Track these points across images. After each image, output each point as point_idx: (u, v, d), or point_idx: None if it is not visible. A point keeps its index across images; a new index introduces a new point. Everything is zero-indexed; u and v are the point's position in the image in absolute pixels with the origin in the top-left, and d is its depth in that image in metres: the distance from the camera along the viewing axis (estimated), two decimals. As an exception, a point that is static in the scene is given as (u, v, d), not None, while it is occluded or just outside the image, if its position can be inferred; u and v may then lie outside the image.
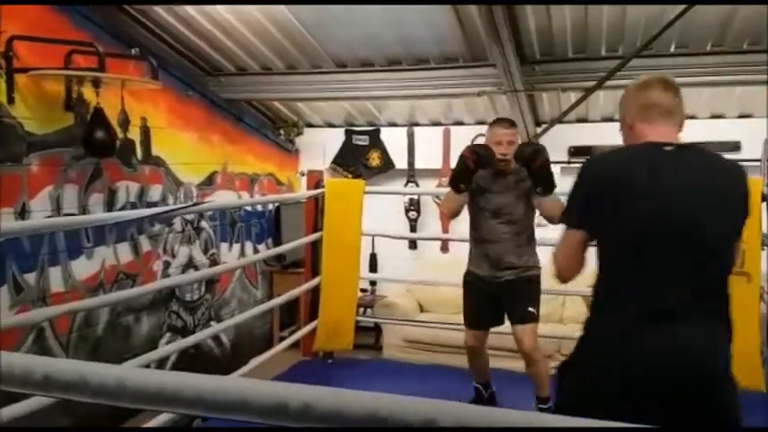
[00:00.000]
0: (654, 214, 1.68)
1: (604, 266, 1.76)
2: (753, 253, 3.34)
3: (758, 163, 4.64)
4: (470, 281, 3.38)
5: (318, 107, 5.53)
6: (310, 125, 5.84)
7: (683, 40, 3.89)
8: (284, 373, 4.20)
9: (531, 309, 3.19)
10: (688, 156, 1.74)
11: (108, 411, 3.66)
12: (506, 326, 3.39)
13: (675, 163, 1.72)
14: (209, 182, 4.75)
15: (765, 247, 3.40)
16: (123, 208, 3.86)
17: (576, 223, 1.81)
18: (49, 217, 3.30)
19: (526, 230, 3.29)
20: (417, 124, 5.58)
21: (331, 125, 5.82)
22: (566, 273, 1.87)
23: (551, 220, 3.02)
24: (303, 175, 5.52)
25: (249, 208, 5.35)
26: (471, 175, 3.11)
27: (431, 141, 5.48)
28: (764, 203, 3.37)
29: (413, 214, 5.67)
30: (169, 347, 3.71)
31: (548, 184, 3.01)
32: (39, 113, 3.30)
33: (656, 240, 1.68)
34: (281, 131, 5.70)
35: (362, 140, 5.69)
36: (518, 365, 4.25)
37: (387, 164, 5.65)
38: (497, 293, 3.28)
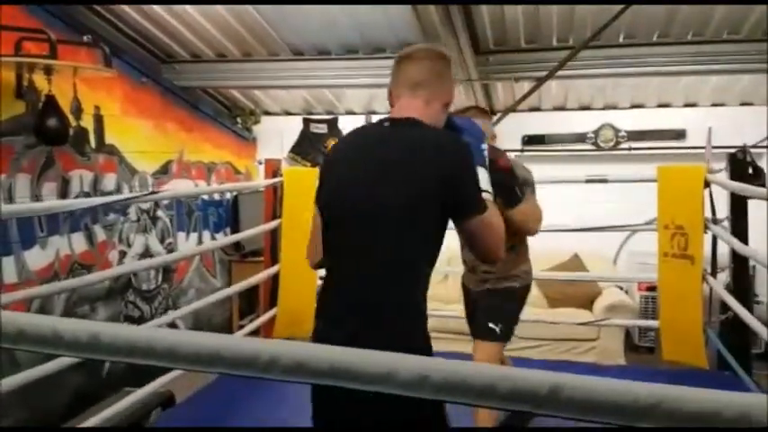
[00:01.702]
0: (334, 191, 1.70)
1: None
2: (695, 237, 3.49)
3: (703, 150, 4.82)
4: (462, 286, 3.06)
5: (276, 95, 5.52)
6: (268, 113, 5.83)
7: (630, 32, 4.02)
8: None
9: (491, 325, 2.77)
10: (398, 131, 1.67)
11: (64, 404, 3.64)
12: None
13: (381, 139, 1.68)
14: (164, 170, 4.72)
15: (708, 231, 3.55)
16: (77, 197, 3.81)
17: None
18: None
19: (510, 238, 2.86)
20: (375, 113, 5.61)
21: (289, 113, 5.81)
22: (306, 257, 1.85)
23: (527, 232, 2.74)
24: (261, 163, 5.51)
25: (206, 197, 5.32)
26: None
27: (388, 129, 5.51)
28: (707, 189, 3.52)
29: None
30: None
31: (506, 195, 2.55)
32: (-12, 101, 3.24)
33: (335, 216, 1.68)
34: (239, 119, 5.67)
35: (320, 129, 5.70)
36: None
37: (345, 152, 5.67)
38: (477, 303, 2.91)
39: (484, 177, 1.70)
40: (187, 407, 3.44)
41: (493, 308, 2.79)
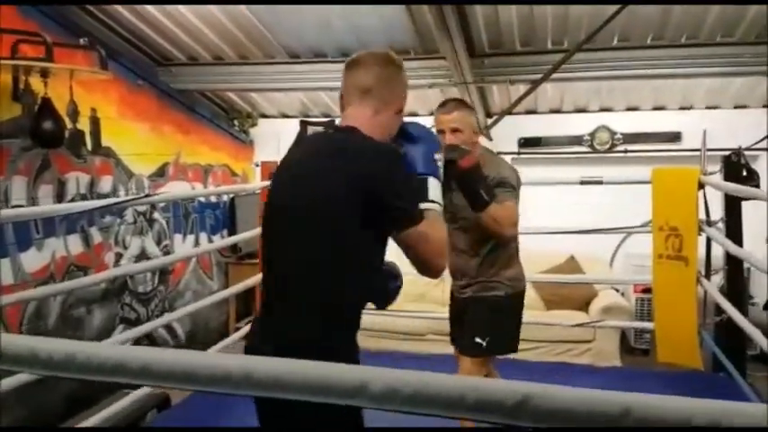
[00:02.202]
0: (267, 203, 1.71)
1: None
2: (690, 238, 3.50)
3: (698, 153, 4.84)
4: (450, 294, 2.88)
5: (272, 97, 5.54)
6: (264, 116, 5.84)
7: (624, 34, 4.03)
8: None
9: (478, 340, 2.58)
10: (332, 141, 1.66)
11: (61, 405, 3.64)
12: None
13: (316, 150, 1.66)
14: (161, 173, 4.73)
15: (702, 233, 3.56)
16: (73, 200, 3.82)
17: None
18: (-4, 209, 3.25)
19: (488, 241, 2.60)
20: (372, 115, 5.63)
21: (285, 116, 5.82)
22: None
23: (497, 237, 2.53)
24: (258, 165, 5.52)
25: (203, 199, 5.33)
26: None
27: (384, 132, 5.53)
28: (701, 191, 3.53)
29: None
30: (121, 337, 3.70)
31: (470, 198, 2.42)
32: (-16, 103, 3.25)
33: (267, 227, 1.70)
34: (235, 122, 5.68)
35: (317, 131, 5.70)
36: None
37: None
38: (463, 311, 2.72)
39: (433, 187, 1.67)
40: (182, 408, 3.45)
41: (478, 320, 2.62)
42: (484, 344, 2.55)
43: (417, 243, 1.57)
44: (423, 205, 1.62)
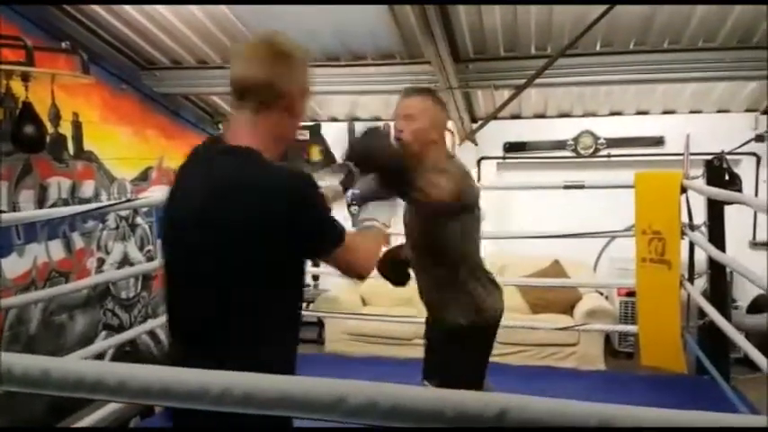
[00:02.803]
0: (164, 227, 1.52)
1: None
2: (672, 242, 3.53)
3: (681, 157, 4.88)
4: None
5: (257, 102, 5.51)
6: (249, 120, 5.81)
7: (607, 40, 4.06)
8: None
9: (425, 382, 2.26)
10: (225, 168, 1.41)
11: (41, 413, 3.59)
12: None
13: (206, 173, 1.44)
14: (143, 177, 4.69)
15: (685, 237, 3.58)
16: (55, 204, 3.78)
17: None
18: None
19: (443, 262, 2.22)
20: (358, 119, 5.63)
21: (270, 120, 5.80)
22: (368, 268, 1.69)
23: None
24: (242, 170, 5.49)
25: (187, 204, 5.28)
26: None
27: (370, 136, 5.53)
28: (684, 195, 3.56)
29: (354, 209, 5.70)
30: (104, 343, 3.67)
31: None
32: (-36, 108, 3.21)
33: (167, 266, 1.51)
34: (220, 125, 5.65)
35: (303, 135, 5.70)
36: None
37: (327, 158, 5.68)
38: (427, 341, 2.45)
39: (373, 206, 1.67)
40: (166, 415, 3.42)
41: (432, 354, 2.34)
42: (433, 385, 2.17)
43: (341, 263, 1.50)
44: (372, 222, 1.62)
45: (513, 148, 5.47)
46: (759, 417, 0.73)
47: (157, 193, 4.81)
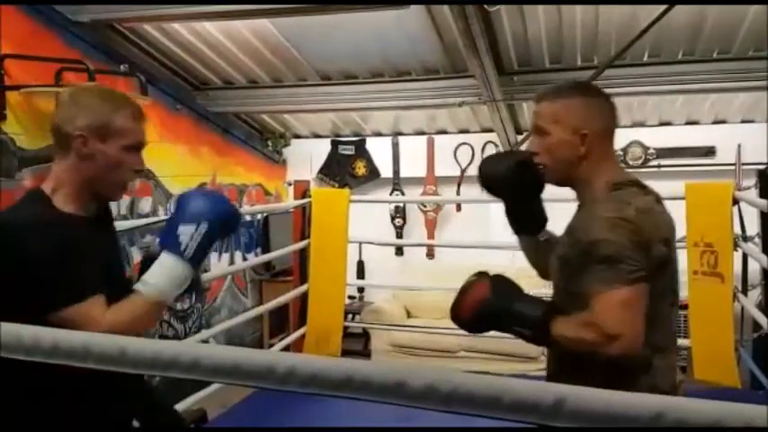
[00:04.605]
0: None
1: None
2: (725, 255, 3.46)
3: (733, 167, 4.79)
4: None
5: (305, 118, 5.65)
6: (297, 136, 5.95)
7: (655, 50, 4.03)
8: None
9: None
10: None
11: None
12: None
13: None
14: (198, 193, 4.84)
15: (738, 249, 3.52)
16: (114, 220, 3.93)
17: None
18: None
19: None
20: (402, 134, 5.70)
21: (317, 136, 5.93)
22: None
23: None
24: (290, 184, 5.62)
25: (238, 218, 5.43)
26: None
27: (415, 150, 5.60)
28: (736, 206, 3.50)
29: (398, 221, 5.78)
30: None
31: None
32: (30, 129, 3.38)
33: None
34: (269, 143, 5.80)
35: (348, 150, 5.80)
36: (507, 367, 4.39)
37: (372, 173, 5.76)
38: None
39: (164, 266, 1.43)
40: (218, 424, 3.51)
41: None
42: None
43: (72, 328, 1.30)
44: (143, 286, 1.41)
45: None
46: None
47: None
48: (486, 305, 1.47)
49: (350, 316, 5.21)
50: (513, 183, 1.61)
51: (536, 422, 0.82)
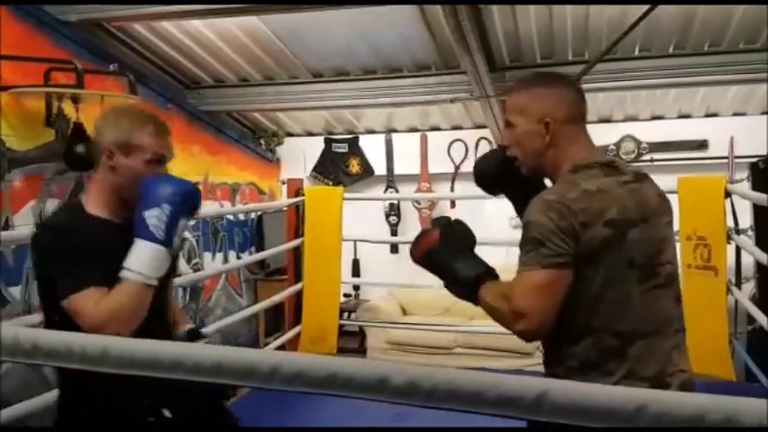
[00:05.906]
0: None
1: None
2: (718, 248, 3.47)
3: (725, 160, 4.79)
4: None
5: (297, 117, 5.63)
6: (290, 134, 5.93)
7: (646, 43, 4.03)
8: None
9: None
10: None
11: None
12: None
13: None
14: (190, 193, 4.81)
15: (731, 242, 3.52)
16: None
17: None
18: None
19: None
20: (395, 131, 5.69)
21: (310, 134, 5.91)
22: None
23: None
24: (284, 183, 5.61)
25: (231, 217, 5.42)
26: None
27: (409, 147, 5.59)
28: (728, 199, 3.50)
29: (393, 219, 5.77)
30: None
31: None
32: (20, 130, 3.36)
33: None
34: (262, 141, 5.78)
35: (341, 148, 5.79)
36: (504, 364, 4.38)
37: (366, 170, 5.75)
38: None
39: (140, 252, 1.51)
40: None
41: None
42: None
43: (72, 315, 1.49)
44: (123, 273, 1.50)
45: (552, 155, 5.44)
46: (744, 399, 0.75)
47: (204, 208, 4.95)
48: (429, 254, 1.63)
49: (345, 314, 5.20)
50: (505, 177, 1.66)
51: (520, 416, 0.81)
